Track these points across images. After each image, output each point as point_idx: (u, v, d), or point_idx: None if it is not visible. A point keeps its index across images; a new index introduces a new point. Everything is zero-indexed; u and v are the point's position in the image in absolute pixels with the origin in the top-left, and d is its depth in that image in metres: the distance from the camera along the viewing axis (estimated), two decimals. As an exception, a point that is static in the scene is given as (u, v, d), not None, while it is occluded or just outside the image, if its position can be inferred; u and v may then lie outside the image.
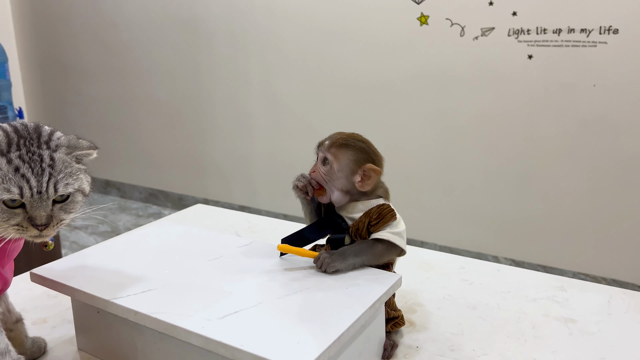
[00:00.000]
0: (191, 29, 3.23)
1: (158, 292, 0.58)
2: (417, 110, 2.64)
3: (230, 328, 0.51)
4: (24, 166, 0.50)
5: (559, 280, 0.85)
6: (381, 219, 0.65)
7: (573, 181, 2.37)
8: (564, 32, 2.25)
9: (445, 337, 0.69)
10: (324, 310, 0.54)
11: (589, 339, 0.69)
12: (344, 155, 0.66)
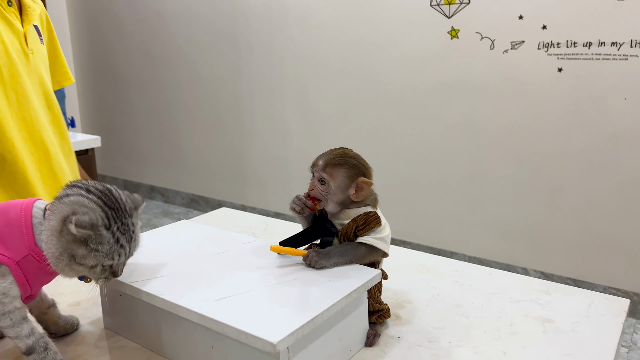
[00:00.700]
0: (232, 44, 3.39)
1: (168, 278, 0.68)
2: (448, 122, 2.69)
3: (223, 309, 0.60)
4: (122, 238, 0.62)
5: (546, 285, 0.91)
6: (367, 225, 0.73)
7: (604, 195, 2.36)
8: (594, 45, 2.26)
9: (426, 331, 0.76)
10: (305, 298, 0.63)
11: (561, 337, 0.75)
12: (338, 174, 0.74)
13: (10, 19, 0.98)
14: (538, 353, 0.70)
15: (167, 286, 0.66)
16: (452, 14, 2.57)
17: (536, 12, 2.35)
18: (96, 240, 0.59)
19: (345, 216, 0.75)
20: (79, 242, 0.59)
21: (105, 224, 0.60)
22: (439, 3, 2.59)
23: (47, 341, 0.65)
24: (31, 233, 0.62)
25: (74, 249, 0.59)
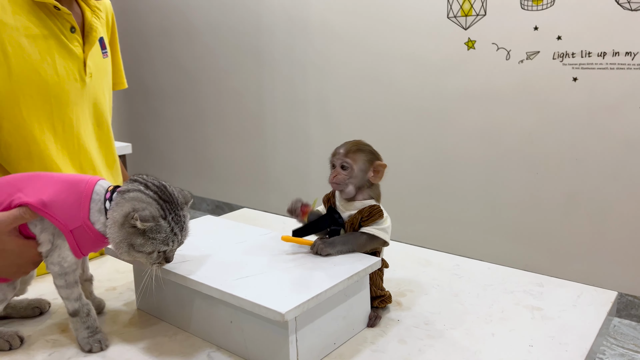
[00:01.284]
0: (256, 56, 3.52)
1: (194, 262, 0.78)
2: (466, 130, 2.75)
3: (241, 286, 0.69)
4: (176, 227, 0.71)
5: (539, 278, 0.98)
6: (371, 217, 0.82)
7: (620, 202, 2.39)
8: (609, 55, 2.31)
9: (423, 315, 0.84)
10: (311, 279, 0.72)
11: (547, 322, 0.82)
12: (359, 158, 0.84)
13: (71, 47, 1.00)
14: (524, 335, 0.78)
15: (193, 269, 0.75)
16: (469, 26, 2.64)
17: (551, 24, 2.41)
18: (155, 230, 0.69)
19: (352, 207, 0.84)
20: (138, 233, 0.69)
21: (162, 215, 0.69)
22: (455, 15, 2.66)
23: (90, 308, 0.76)
24: (87, 208, 0.72)
25: (133, 239, 0.69)
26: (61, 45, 0.99)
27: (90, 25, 1.05)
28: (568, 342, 0.76)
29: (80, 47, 1.03)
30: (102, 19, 1.11)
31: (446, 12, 2.69)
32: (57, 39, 0.98)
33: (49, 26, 0.97)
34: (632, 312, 2.46)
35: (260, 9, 3.42)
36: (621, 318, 2.50)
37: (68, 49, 1.00)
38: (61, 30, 0.99)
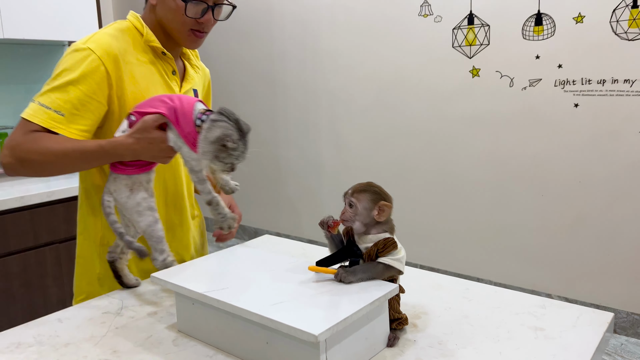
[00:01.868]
0: (269, 83, 3.65)
1: (233, 289, 0.88)
2: (472, 154, 2.85)
3: (277, 311, 0.79)
4: (245, 149, 1.02)
5: (543, 301, 1.06)
6: (386, 249, 0.92)
7: (625, 223, 2.47)
8: (608, 82, 2.41)
9: (437, 336, 0.93)
10: (337, 304, 0.81)
11: (550, 342, 0.90)
12: (364, 198, 0.93)
13: (172, 85, 1.22)
14: (529, 354, 0.87)
15: (232, 295, 0.85)
16: (473, 55, 2.76)
17: (552, 53, 2.52)
18: (235, 149, 1.00)
19: (368, 240, 0.94)
20: (223, 150, 0.99)
21: (240, 138, 1.00)
22: (460, 45, 2.78)
23: (218, 200, 1.07)
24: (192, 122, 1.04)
25: (219, 153, 1.00)
26: (164, 81, 1.21)
27: (188, 74, 1.29)
28: (573, 357, 0.84)
29: (178, 88, 1.24)
30: (200, 75, 1.34)
31: (451, 42, 2.81)
32: (162, 76, 1.21)
33: (157, 65, 1.20)
34: (638, 330, 2.52)
35: (274, 39, 3.56)
36: (628, 336, 2.56)
37: (170, 86, 1.22)
38: (165, 70, 1.22)
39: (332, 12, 3.24)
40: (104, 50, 1.10)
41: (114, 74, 1.12)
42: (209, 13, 1.17)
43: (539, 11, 2.53)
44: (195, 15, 1.16)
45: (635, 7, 2.29)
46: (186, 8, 1.14)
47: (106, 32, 1.15)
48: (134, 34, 1.18)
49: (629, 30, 2.32)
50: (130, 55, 1.15)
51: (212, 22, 1.20)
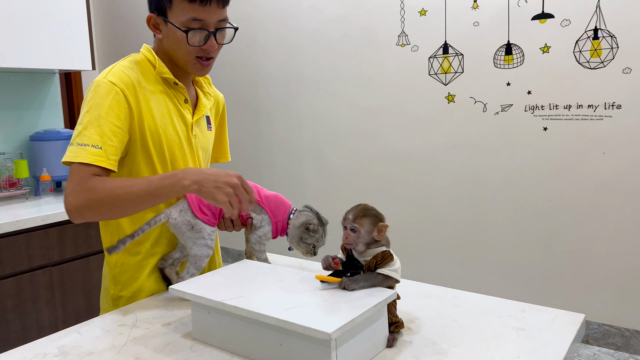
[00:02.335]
0: (252, 108, 3.76)
1: (248, 297, 0.97)
2: (450, 176, 3.00)
3: (292, 315, 0.88)
4: (324, 234, 1.30)
5: (522, 305, 1.18)
6: (384, 261, 1.02)
7: (593, 239, 2.63)
8: (574, 107, 2.59)
9: (431, 337, 1.03)
10: (345, 308, 0.91)
11: (530, 340, 1.02)
12: (365, 222, 1.03)
13: (184, 114, 1.30)
14: (512, 350, 0.98)
15: (249, 302, 0.94)
16: (448, 82, 2.92)
17: (521, 80, 2.70)
18: (316, 232, 1.27)
19: (367, 254, 1.04)
20: (307, 233, 1.27)
21: (320, 224, 1.28)
22: (436, 72, 2.95)
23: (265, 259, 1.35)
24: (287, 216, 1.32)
25: (304, 235, 1.28)
26: (177, 110, 1.30)
27: (201, 102, 1.37)
28: (547, 354, 0.96)
29: (190, 116, 1.33)
30: (211, 102, 1.43)
31: (428, 70, 2.98)
32: (175, 105, 1.30)
33: (169, 95, 1.29)
34: (609, 341, 2.66)
35: (258, 65, 3.69)
36: (600, 347, 2.70)
37: (182, 114, 1.31)
38: (178, 100, 1.31)
39: (315, 40, 3.38)
40: (123, 82, 1.19)
41: (134, 105, 1.20)
42: (211, 39, 1.22)
43: (509, 42, 2.71)
44: (198, 43, 1.22)
45: (596, 38, 2.49)
46: (188, 37, 1.20)
47: (123, 65, 1.24)
48: (147, 66, 1.27)
49: (591, 59, 2.52)
50: (145, 86, 1.24)
51: (216, 47, 1.25)
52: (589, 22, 2.50)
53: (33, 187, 2.60)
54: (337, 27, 3.27)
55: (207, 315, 1.02)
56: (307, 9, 3.39)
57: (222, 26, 1.24)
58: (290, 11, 3.46)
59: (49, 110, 2.72)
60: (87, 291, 2.36)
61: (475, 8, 2.78)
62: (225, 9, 1.23)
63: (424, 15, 2.94)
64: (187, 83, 1.34)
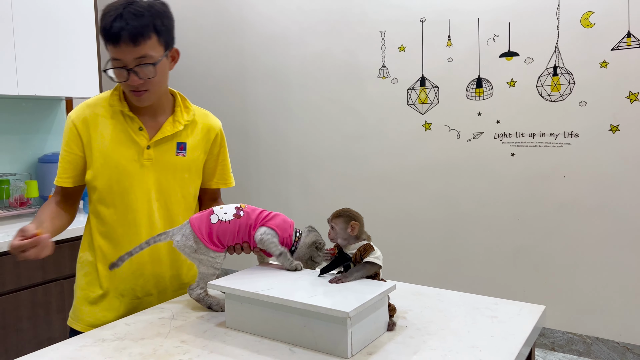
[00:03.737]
0: (243, 133, 3.98)
1: (276, 288, 1.19)
2: (426, 196, 3.26)
3: (313, 300, 1.11)
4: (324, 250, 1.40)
5: (496, 300, 1.42)
6: (367, 251, 1.26)
7: (556, 253, 2.91)
8: (537, 135, 2.90)
9: (421, 323, 1.27)
10: (356, 295, 1.14)
11: (501, 324, 1.26)
12: (339, 221, 1.28)
13: (137, 140, 1.44)
14: (487, 331, 1.21)
15: (279, 293, 1.16)
16: (425, 111, 3.21)
17: (491, 110, 3.00)
18: (321, 250, 1.38)
19: (352, 248, 1.28)
20: (316, 251, 1.38)
21: (324, 244, 1.39)
22: (414, 103, 3.24)
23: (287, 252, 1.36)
24: (292, 232, 1.40)
25: (313, 254, 1.39)
26: (128, 137, 1.45)
27: (164, 128, 1.48)
28: (515, 333, 1.20)
29: (146, 141, 1.46)
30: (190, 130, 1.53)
31: (406, 100, 3.26)
32: (127, 133, 1.46)
33: (123, 124, 1.46)
34: (573, 347, 2.92)
35: (247, 92, 3.93)
36: (564, 353, 2.96)
37: (134, 140, 1.46)
38: (131, 128, 1.46)
39: (303, 71, 3.65)
40: (77, 116, 1.46)
41: (85, 133, 1.45)
42: (131, 75, 1.34)
43: (479, 76, 3.02)
44: (122, 79, 1.36)
45: (555, 75, 2.82)
46: (114, 74, 1.36)
47: (85, 102, 1.50)
48: (110, 100, 1.47)
49: (552, 93, 2.84)
50: (101, 118, 1.45)
51: (140, 82, 1.35)
52: (549, 60, 2.83)
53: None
54: (323, 60, 3.55)
55: (239, 306, 1.23)
56: (295, 42, 3.66)
57: (141, 62, 1.34)
58: (279, 44, 3.73)
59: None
60: (93, 303, 2.52)
61: (449, 45, 3.09)
62: (142, 46, 1.32)
63: (403, 51, 3.24)
64: (147, 112, 1.48)
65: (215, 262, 1.36)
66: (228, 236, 1.36)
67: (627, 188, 2.71)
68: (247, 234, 1.37)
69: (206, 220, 1.35)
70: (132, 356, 1.12)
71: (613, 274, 2.77)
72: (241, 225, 1.36)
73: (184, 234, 1.35)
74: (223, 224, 1.35)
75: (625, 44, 2.65)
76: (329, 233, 1.29)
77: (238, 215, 1.37)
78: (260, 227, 1.37)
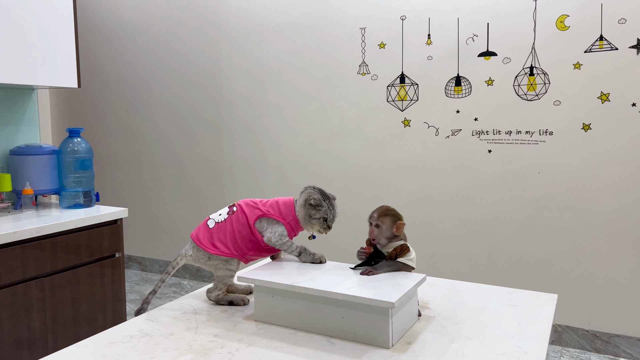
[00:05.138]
0: (215, 127, 3.91)
1: (316, 281, 1.18)
2: (406, 192, 3.31)
3: (353, 291, 1.11)
4: (330, 206, 1.35)
5: (509, 290, 1.47)
6: (403, 252, 1.27)
7: (530, 247, 3.03)
8: (513, 133, 3.00)
9: (447, 313, 1.29)
10: (392, 286, 1.15)
11: (523, 312, 1.30)
12: (386, 220, 1.29)
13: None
14: (512, 319, 1.25)
15: (315, 284, 1.15)
16: (405, 108, 3.26)
17: (469, 108, 3.08)
18: (320, 205, 1.33)
19: (389, 247, 1.29)
20: (313, 208, 1.34)
21: (322, 199, 1.34)
22: (394, 99, 3.28)
23: (306, 249, 1.35)
24: (294, 210, 1.37)
25: (310, 211, 1.34)
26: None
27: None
28: (539, 321, 1.24)
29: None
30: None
31: (386, 97, 3.30)
32: None
33: None
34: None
35: (222, 87, 3.87)
36: (536, 342, 3.07)
37: None
38: None
39: (281, 67, 3.62)
40: None
41: None
42: None
43: (458, 75, 3.09)
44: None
45: (531, 75, 2.92)
46: None
47: None
48: None
49: (528, 92, 2.94)
50: None
51: None
52: (525, 60, 2.93)
53: (12, 201, 2.62)
54: (302, 57, 3.54)
55: (270, 299, 1.22)
56: (272, 38, 3.63)
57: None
58: (256, 40, 3.69)
59: (27, 126, 2.76)
60: (75, 301, 2.42)
61: (429, 44, 3.15)
62: None
63: (383, 48, 3.28)
64: None
65: (229, 265, 1.37)
66: (228, 235, 1.36)
67: (598, 184, 2.85)
68: (247, 226, 1.36)
69: (203, 227, 1.39)
70: (167, 351, 1.08)
71: (584, 266, 2.91)
72: (237, 220, 1.37)
73: (193, 247, 1.39)
74: (219, 224, 1.38)
75: (597, 47, 2.79)
76: (372, 231, 1.29)
77: (232, 212, 1.39)
78: (260, 219, 1.37)
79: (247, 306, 1.34)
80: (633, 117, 2.74)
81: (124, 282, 2.62)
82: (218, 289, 1.37)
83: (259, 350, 1.09)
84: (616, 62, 2.75)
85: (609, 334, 2.88)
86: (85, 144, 2.59)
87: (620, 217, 2.81)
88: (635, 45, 2.71)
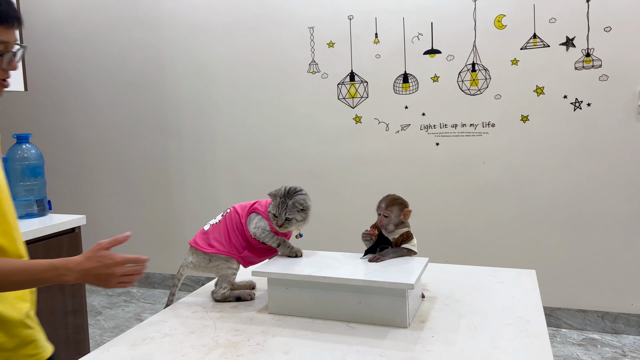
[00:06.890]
0: (161, 129, 3.83)
1: (326, 270, 1.23)
2: (359, 186, 3.41)
3: (370, 277, 1.17)
4: (282, 204, 1.35)
5: (494, 269, 1.59)
6: (406, 238, 1.36)
7: (479, 232, 3.22)
8: (459, 126, 3.18)
9: (446, 293, 1.39)
10: (404, 270, 1.22)
11: (512, 287, 1.42)
12: (395, 209, 1.36)
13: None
14: (505, 294, 1.37)
15: (336, 273, 1.20)
16: (355, 105, 3.36)
17: (417, 104, 3.23)
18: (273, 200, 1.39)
19: (394, 234, 1.37)
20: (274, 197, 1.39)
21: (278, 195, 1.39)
22: (344, 97, 3.37)
23: (285, 240, 1.40)
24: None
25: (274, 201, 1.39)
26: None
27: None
28: (529, 294, 1.36)
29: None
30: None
31: (337, 95, 3.39)
32: None
33: None
34: (494, 315, 3.24)
35: (167, 88, 3.79)
36: (487, 321, 3.28)
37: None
38: None
39: (230, 67, 3.61)
40: None
41: None
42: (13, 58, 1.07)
43: (406, 72, 3.23)
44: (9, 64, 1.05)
45: (474, 71, 3.11)
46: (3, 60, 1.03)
47: None
48: None
49: (471, 88, 3.13)
50: None
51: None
52: (468, 57, 3.12)
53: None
54: (251, 56, 3.55)
55: (285, 290, 1.25)
56: (220, 36, 3.61)
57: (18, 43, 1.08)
58: (202, 38, 3.65)
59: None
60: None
61: (377, 43, 3.27)
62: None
63: (332, 47, 3.36)
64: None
65: (230, 263, 1.40)
66: (222, 233, 1.41)
67: (536, 170, 3.09)
68: (240, 223, 1.42)
69: (200, 232, 1.45)
70: (195, 348, 1.09)
71: (527, 247, 3.15)
72: (231, 219, 1.43)
73: (192, 253, 1.44)
74: (214, 225, 1.44)
75: (532, 44, 3.02)
76: (381, 220, 1.35)
77: (226, 214, 1.45)
78: (250, 216, 1.42)
79: (254, 301, 1.37)
80: (565, 108, 2.99)
81: (85, 295, 2.53)
82: (223, 287, 1.38)
83: (285, 339, 1.13)
84: (549, 57, 2.99)
85: (551, 307, 3.13)
86: (35, 150, 2.47)
87: (557, 199, 3.07)
88: (564, 43, 2.96)
